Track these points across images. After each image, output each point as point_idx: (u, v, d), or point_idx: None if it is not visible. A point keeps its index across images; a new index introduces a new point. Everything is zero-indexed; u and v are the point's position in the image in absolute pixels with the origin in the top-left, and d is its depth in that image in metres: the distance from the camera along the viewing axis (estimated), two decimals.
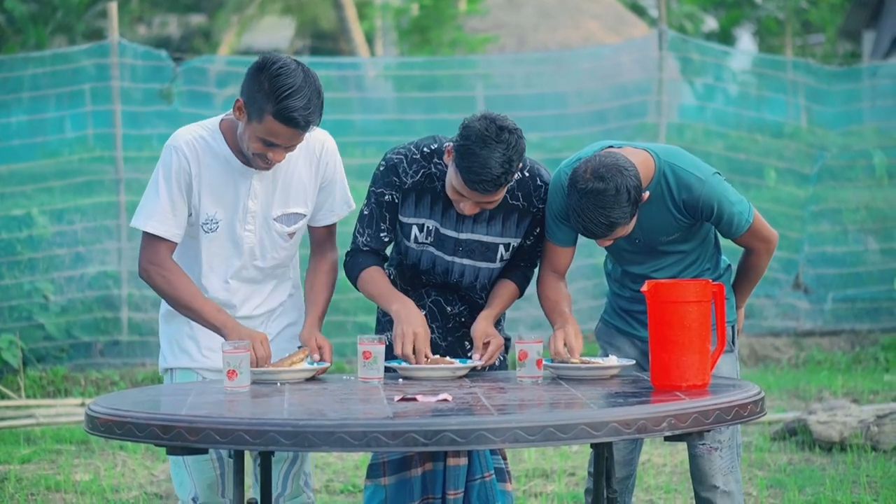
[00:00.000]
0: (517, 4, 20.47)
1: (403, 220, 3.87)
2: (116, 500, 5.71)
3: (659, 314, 3.41)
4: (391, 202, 3.85)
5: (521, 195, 3.84)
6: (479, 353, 3.76)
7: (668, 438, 3.19)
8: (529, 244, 3.91)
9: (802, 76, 10.94)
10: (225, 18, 22.25)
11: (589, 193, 3.56)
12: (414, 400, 3.27)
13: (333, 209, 3.92)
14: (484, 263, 3.88)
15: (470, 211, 3.72)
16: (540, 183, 3.85)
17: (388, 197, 3.85)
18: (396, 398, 3.30)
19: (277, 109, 3.55)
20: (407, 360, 3.70)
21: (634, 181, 3.59)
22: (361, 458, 6.23)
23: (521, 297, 3.96)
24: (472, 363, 3.73)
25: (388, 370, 3.69)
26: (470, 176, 3.59)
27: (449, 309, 3.96)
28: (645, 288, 3.43)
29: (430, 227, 3.85)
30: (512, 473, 4.36)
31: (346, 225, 4.03)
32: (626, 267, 3.99)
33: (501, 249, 3.87)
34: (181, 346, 3.86)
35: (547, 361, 3.69)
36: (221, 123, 3.80)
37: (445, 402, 3.25)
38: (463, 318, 3.96)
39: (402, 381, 3.66)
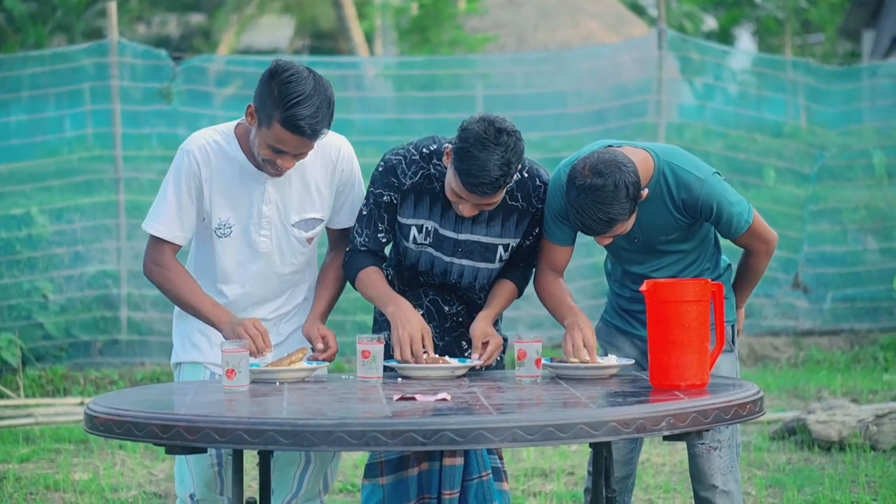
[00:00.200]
0: (517, 4, 20.46)
1: (402, 221, 3.87)
2: (115, 499, 5.71)
3: (658, 314, 3.41)
4: (390, 203, 3.85)
5: (520, 196, 3.84)
6: (477, 352, 3.76)
7: (667, 438, 3.19)
8: (529, 244, 3.91)
9: (802, 76, 10.93)
10: (224, 18, 22.24)
11: (587, 189, 3.56)
12: (413, 399, 3.27)
13: (351, 213, 3.92)
14: (483, 264, 3.88)
15: (469, 213, 3.72)
16: (539, 183, 3.85)
17: (386, 198, 3.84)
18: (395, 397, 3.30)
19: (285, 117, 3.55)
20: (407, 363, 3.69)
21: (633, 177, 3.58)
22: (360, 457, 6.23)
23: (520, 296, 3.96)
24: (471, 363, 3.73)
25: (387, 369, 3.69)
26: (469, 179, 3.59)
27: (447, 309, 3.95)
28: (644, 287, 3.43)
29: (428, 228, 3.85)
30: (510, 473, 4.36)
31: None
32: (625, 266, 3.99)
33: (500, 250, 3.87)
34: (192, 341, 3.88)
35: (546, 360, 3.69)
36: (237, 128, 3.80)
37: (444, 401, 3.25)
38: (461, 317, 3.96)
39: (400, 380, 3.66)
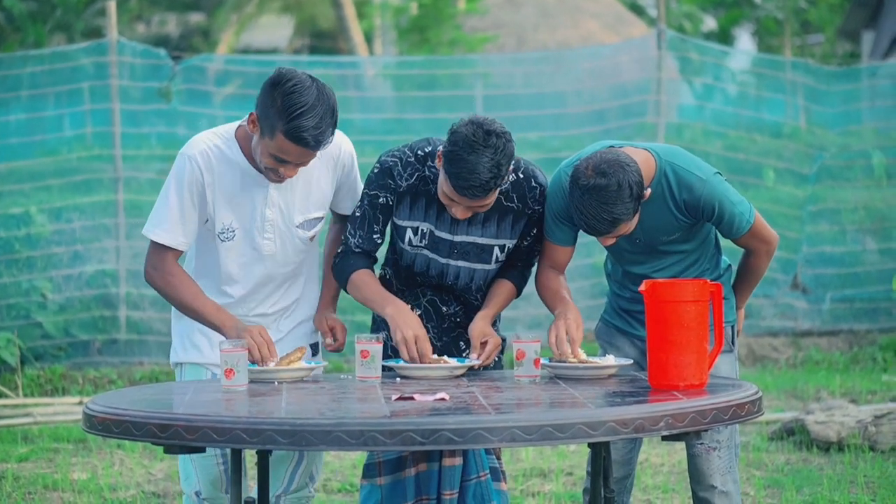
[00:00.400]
0: (516, 4, 20.46)
1: (398, 222, 3.86)
2: (114, 498, 5.71)
3: (657, 314, 3.40)
4: (385, 204, 3.84)
5: (515, 197, 3.83)
6: (476, 352, 3.76)
7: (665, 438, 3.19)
8: (526, 245, 3.91)
9: (801, 76, 10.93)
10: (224, 17, 22.23)
11: (591, 190, 3.56)
12: (411, 399, 3.27)
13: (353, 200, 3.91)
14: (479, 265, 3.87)
15: (462, 215, 3.71)
16: (535, 185, 3.84)
17: (382, 199, 3.84)
18: (394, 397, 3.30)
19: (288, 128, 3.54)
20: (414, 363, 3.70)
21: (636, 177, 3.58)
22: (358, 457, 6.23)
23: (518, 297, 3.96)
24: (469, 363, 3.73)
25: (385, 369, 3.69)
26: (459, 182, 3.58)
27: (444, 309, 3.95)
28: (642, 287, 3.43)
29: (424, 230, 3.85)
30: (509, 473, 4.36)
31: None
32: (626, 267, 3.98)
33: (496, 251, 3.87)
34: (192, 341, 3.87)
35: (545, 360, 3.69)
36: (237, 131, 3.78)
37: (443, 401, 3.25)
38: (458, 318, 3.96)
39: (399, 380, 3.66)
